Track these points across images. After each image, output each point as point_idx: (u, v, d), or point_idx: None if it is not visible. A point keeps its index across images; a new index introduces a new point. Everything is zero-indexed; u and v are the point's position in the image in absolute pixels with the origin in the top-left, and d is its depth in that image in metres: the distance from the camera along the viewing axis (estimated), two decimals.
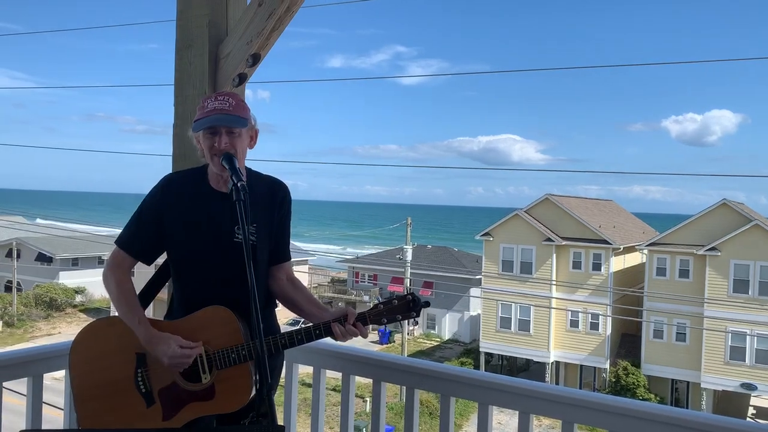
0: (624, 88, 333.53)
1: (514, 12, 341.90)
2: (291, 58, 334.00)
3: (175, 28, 2.91)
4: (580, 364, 30.45)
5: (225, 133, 2.16)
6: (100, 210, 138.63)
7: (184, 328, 2.16)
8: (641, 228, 36.34)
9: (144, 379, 2.15)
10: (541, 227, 30.49)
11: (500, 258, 31.58)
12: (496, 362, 32.88)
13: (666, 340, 28.12)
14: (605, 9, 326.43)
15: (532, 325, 30.73)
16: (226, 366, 2.08)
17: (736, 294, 26.15)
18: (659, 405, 2.19)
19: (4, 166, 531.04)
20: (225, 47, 2.82)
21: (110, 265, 2.27)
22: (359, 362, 2.66)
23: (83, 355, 2.20)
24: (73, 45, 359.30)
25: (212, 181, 2.27)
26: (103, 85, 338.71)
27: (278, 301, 2.39)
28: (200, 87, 2.82)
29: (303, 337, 2.11)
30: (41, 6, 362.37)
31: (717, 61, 64.91)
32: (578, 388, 27.70)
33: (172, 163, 2.87)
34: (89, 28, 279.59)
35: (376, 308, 2.13)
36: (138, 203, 2.32)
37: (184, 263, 2.27)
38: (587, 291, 29.70)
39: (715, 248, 26.48)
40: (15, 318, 37.55)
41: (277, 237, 2.32)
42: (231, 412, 2.10)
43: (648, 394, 27.09)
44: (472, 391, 2.40)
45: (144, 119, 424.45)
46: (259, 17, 2.68)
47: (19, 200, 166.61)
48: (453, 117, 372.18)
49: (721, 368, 26.39)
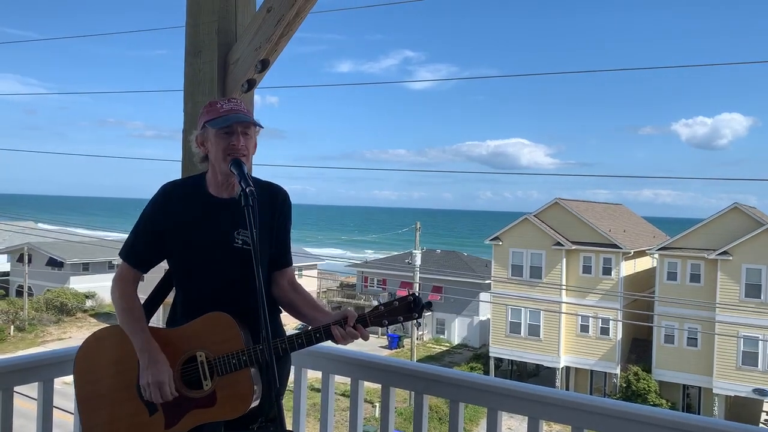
0: (633, 91, 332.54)
1: (522, 16, 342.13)
2: (300, 64, 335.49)
3: (184, 34, 2.94)
4: (590, 369, 30.27)
5: (241, 133, 2.18)
6: (110, 215, 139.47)
7: (184, 334, 2.17)
8: (652, 232, 36.13)
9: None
10: (551, 231, 30.39)
11: (510, 262, 31.48)
12: (506, 367, 32.73)
13: (677, 345, 27.91)
14: (614, 12, 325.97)
15: (542, 330, 30.60)
16: (227, 372, 2.08)
17: (748, 299, 25.93)
18: (670, 411, 2.17)
19: (18, 171, 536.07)
20: (234, 53, 2.83)
21: (116, 277, 2.30)
22: (368, 367, 2.65)
23: (87, 364, 2.22)
24: (85, 51, 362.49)
25: (211, 187, 2.27)
26: (114, 91, 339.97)
27: (281, 306, 2.38)
28: (209, 93, 2.83)
29: (303, 341, 2.11)
30: (54, 13, 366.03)
31: (727, 64, 64.60)
32: (589, 394, 27.53)
33: (182, 167, 2.89)
34: (100, 35, 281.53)
35: (377, 309, 2.12)
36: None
37: (185, 270, 2.28)
38: (597, 296, 29.55)
39: (726, 252, 26.27)
40: (26, 322, 37.78)
41: (277, 242, 2.32)
42: (233, 418, 2.10)
43: (659, 400, 26.88)
44: (481, 396, 2.39)
45: (152, 124, 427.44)
46: (267, 23, 2.69)
47: (31, 205, 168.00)
48: (461, 121, 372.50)
49: (734, 373, 26.15)
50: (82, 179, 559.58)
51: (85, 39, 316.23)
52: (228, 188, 2.25)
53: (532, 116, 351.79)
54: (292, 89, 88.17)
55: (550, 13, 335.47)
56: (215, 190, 2.27)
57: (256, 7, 2.92)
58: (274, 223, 2.30)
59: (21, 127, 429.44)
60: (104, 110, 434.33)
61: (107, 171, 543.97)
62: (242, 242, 2.22)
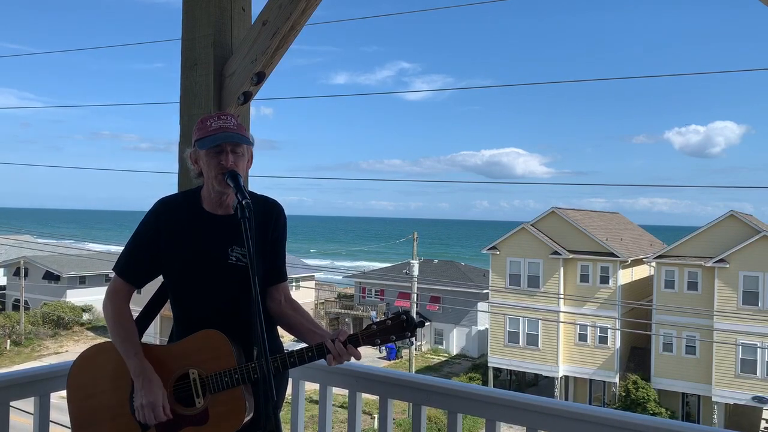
0: (626, 100, 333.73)
1: (516, 27, 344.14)
2: (296, 75, 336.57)
3: (180, 47, 2.95)
4: (589, 378, 30.20)
5: (230, 151, 2.17)
6: (106, 228, 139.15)
7: (177, 352, 2.17)
8: (648, 240, 36.18)
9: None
10: (548, 240, 30.41)
11: (507, 272, 31.47)
12: (504, 377, 32.64)
13: (676, 354, 27.88)
14: (607, 22, 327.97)
15: (541, 340, 30.54)
16: (219, 390, 2.08)
17: (746, 306, 25.94)
18: (670, 420, 2.16)
19: (13, 185, 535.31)
20: (230, 66, 2.85)
21: (109, 292, 2.28)
22: (366, 379, 2.64)
23: (80, 380, 2.22)
24: (81, 65, 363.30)
25: (206, 203, 2.27)
26: (110, 104, 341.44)
27: (276, 321, 2.37)
28: (205, 105, 2.84)
29: (296, 360, 2.10)
30: (50, 27, 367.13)
31: (719, 72, 64.84)
32: (588, 403, 27.41)
33: (178, 180, 2.89)
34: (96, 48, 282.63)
35: (369, 329, 2.12)
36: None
37: (180, 287, 2.27)
38: (595, 304, 29.53)
39: (723, 260, 26.31)
40: (22, 336, 37.59)
41: (271, 257, 2.31)
42: None
43: (659, 408, 26.81)
44: (479, 407, 2.38)
45: (147, 137, 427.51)
46: (263, 36, 2.71)
47: (27, 219, 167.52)
48: (456, 131, 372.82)
49: (733, 381, 26.10)
50: (78, 192, 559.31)
51: (81, 53, 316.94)
52: (222, 205, 2.25)
53: (525, 126, 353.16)
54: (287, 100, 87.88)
55: (544, 24, 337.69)
56: (210, 207, 2.26)
57: (251, 20, 2.94)
58: (268, 237, 2.30)
59: (16, 141, 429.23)
60: (99, 123, 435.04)
61: (103, 184, 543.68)
62: (236, 259, 2.21)
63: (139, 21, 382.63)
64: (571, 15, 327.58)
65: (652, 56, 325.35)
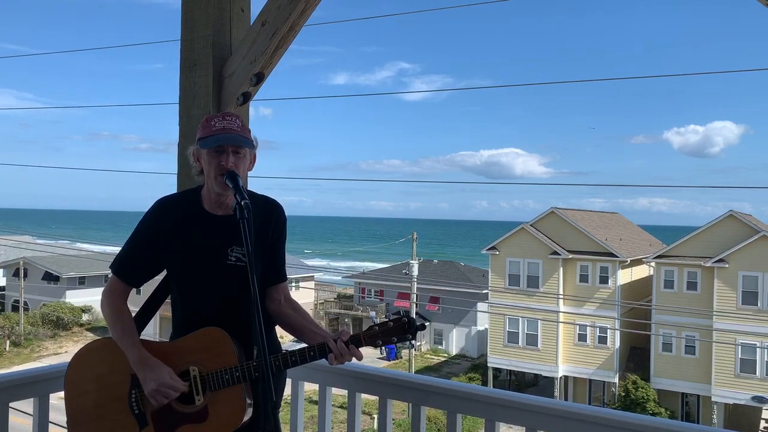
0: (624, 100, 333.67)
1: (516, 27, 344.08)
2: (295, 76, 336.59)
3: (179, 48, 2.95)
4: (588, 378, 30.20)
5: (231, 152, 2.17)
6: (105, 228, 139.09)
7: (178, 349, 2.16)
8: (648, 240, 36.19)
9: (137, 400, 2.14)
10: (548, 241, 30.42)
11: (507, 272, 31.47)
12: (504, 377, 32.64)
13: (675, 354, 27.89)
14: (607, 23, 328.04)
15: (540, 340, 30.54)
16: (219, 387, 2.07)
17: (745, 306, 25.95)
18: (670, 420, 2.16)
19: (12, 185, 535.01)
20: (229, 67, 2.85)
21: (106, 291, 2.28)
22: (365, 379, 2.64)
23: (77, 377, 2.21)
24: (81, 66, 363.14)
25: (206, 203, 2.27)
26: (109, 105, 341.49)
27: (276, 321, 2.36)
28: (205, 106, 2.84)
29: (297, 359, 2.10)
30: (50, 27, 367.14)
31: (718, 72, 65.04)
32: (587, 403, 27.42)
33: (177, 181, 2.89)
34: (95, 49, 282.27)
35: (371, 329, 2.12)
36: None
37: (180, 286, 2.27)
38: (595, 304, 29.53)
39: (722, 260, 26.32)
40: (22, 337, 37.57)
41: (271, 257, 2.31)
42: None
43: (658, 408, 26.81)
44: (478, 407, 2.38)
45: (147, 137, 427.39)
46: (262, 37, 2.71)
47: (27, 219, 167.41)
48: (455, 131, 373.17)
49: (732, 381, 26.12)
50: (77, 192, 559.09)
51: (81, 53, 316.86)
52: (222, 206, 2.24)
53: (525, 126, 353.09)
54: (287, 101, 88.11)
55: (544, 24, 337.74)
56: (209, 207, 2.26)
57: (250, 21, 2.93)
58: (268, 237, 2.29)
59: (15, 141, 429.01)
60: (98, 124, 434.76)
61: (102, 184, 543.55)
62: (236, 259, 2.21)
63: (138, 21, 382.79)
64: (571, 15, 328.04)
65: (652, 56, 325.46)
